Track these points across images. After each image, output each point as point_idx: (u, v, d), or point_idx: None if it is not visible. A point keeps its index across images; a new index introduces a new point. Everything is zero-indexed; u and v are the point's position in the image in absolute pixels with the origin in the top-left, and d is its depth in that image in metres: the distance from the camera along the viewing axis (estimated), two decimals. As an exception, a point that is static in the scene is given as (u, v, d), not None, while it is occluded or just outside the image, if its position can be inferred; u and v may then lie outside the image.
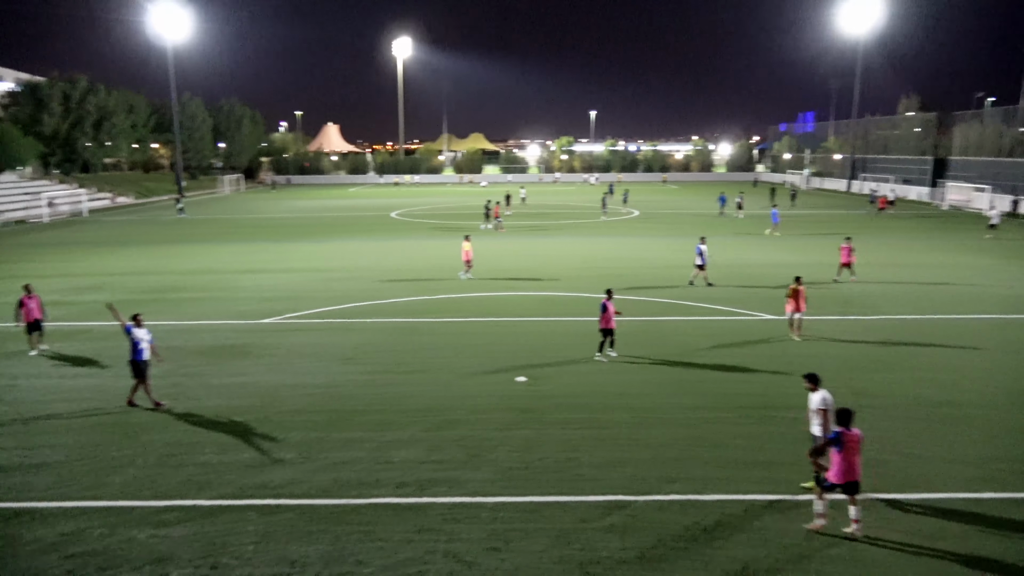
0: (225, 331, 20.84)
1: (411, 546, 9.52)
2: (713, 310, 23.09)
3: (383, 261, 33.57)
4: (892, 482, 11.21)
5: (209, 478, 11.49)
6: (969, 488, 10.99)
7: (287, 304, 24.24)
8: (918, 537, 9.65)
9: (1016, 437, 12.98)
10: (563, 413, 14.24)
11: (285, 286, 27.55)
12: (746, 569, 8.95)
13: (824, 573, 8.86)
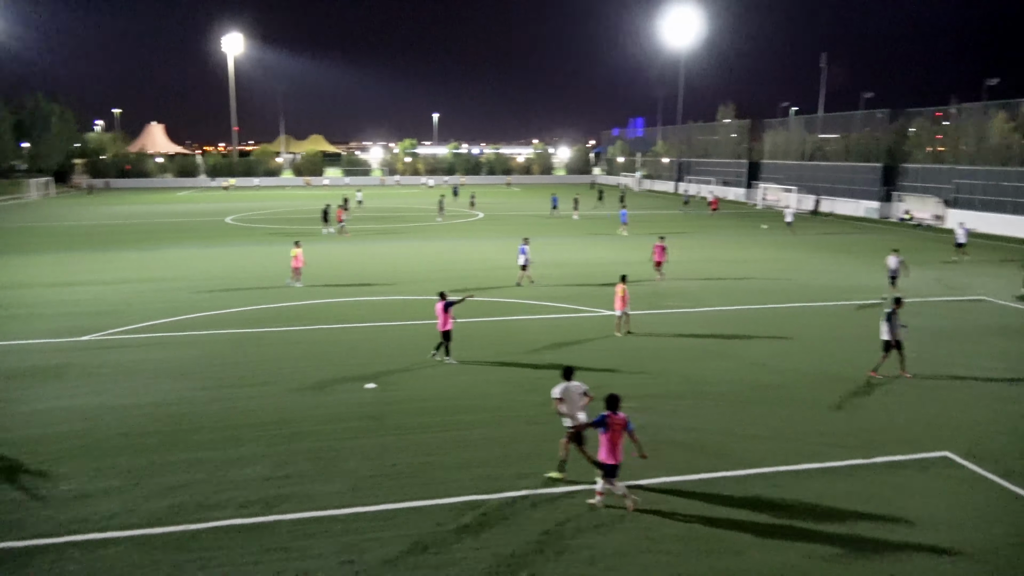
0: (38, 351, 18.82)
1: (258, 568, 9.07)
2: (555, 308, 23.87)
3: (218, 269, 31.72)
4: (728, 461, 12.11)
5: (20, 517, 10.32)
6: (789, 462, 12.11)
7: (110, 319, 22.28)
8: (746, 510, 10.48)
9: (826, 412, 14.45)
10: (415, 418, 14.15)
11: (108, 299, 25.31)
12: (595, 556, 9.32)
13: (667, 549, 9.40)
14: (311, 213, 58.26)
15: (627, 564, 9.15)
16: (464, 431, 13.51)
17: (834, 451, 12.51)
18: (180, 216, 57.33)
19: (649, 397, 15.23)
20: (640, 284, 27.51)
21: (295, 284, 27.43)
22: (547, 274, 30.12)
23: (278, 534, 9.87)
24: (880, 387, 15.94)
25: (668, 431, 13.43)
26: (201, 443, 12.92)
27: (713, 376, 16.70)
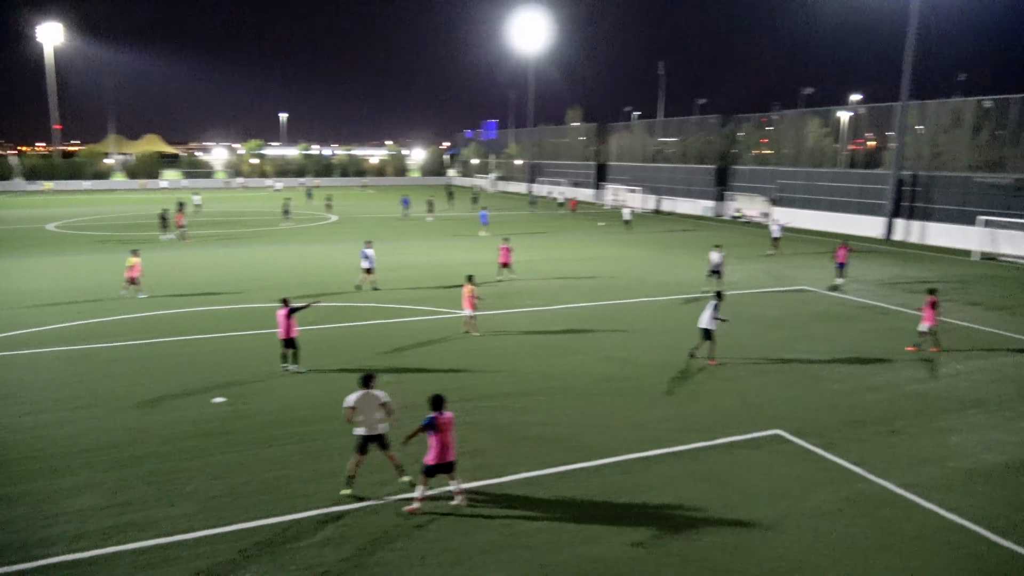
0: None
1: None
2: (408, 311, 23.74)
3: (42, 281, 28.84)
4: (583, 452, 12.55)
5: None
6: (639, 449, 12.75)
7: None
8: (602, 498, 10.94)
9: (670, 399, 15.34)
10: (268, 431, 13.57)
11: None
12: (459, 557, 9.37)
13: (529, 544, 9.61)
14: (147, 218, 54.40)
15: (492, 561, 9.28)
16: (321, 441, 13.12)
17: (679, 436, 13.32)
18: None
19: (505, 395, 15.51)
20: (493, 285, 27.96)
21: (136, 295, 25.47)
22: (403, 277, 29.91)
23: (118, 566, 9.13)
24: (717, 373, 17.14)
25: (524, 427, 13.74)
26: (23, 474, 11.70)
27: (563, 371, 17.26)
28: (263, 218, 56.39)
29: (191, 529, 10.01)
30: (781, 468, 12.02)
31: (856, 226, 48.23)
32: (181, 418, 14.19)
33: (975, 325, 22.18)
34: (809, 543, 9.69)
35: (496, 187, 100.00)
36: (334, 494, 11.03)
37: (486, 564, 9.20)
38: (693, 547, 9.59)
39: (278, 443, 12.99)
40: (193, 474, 11.72)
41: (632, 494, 11.07)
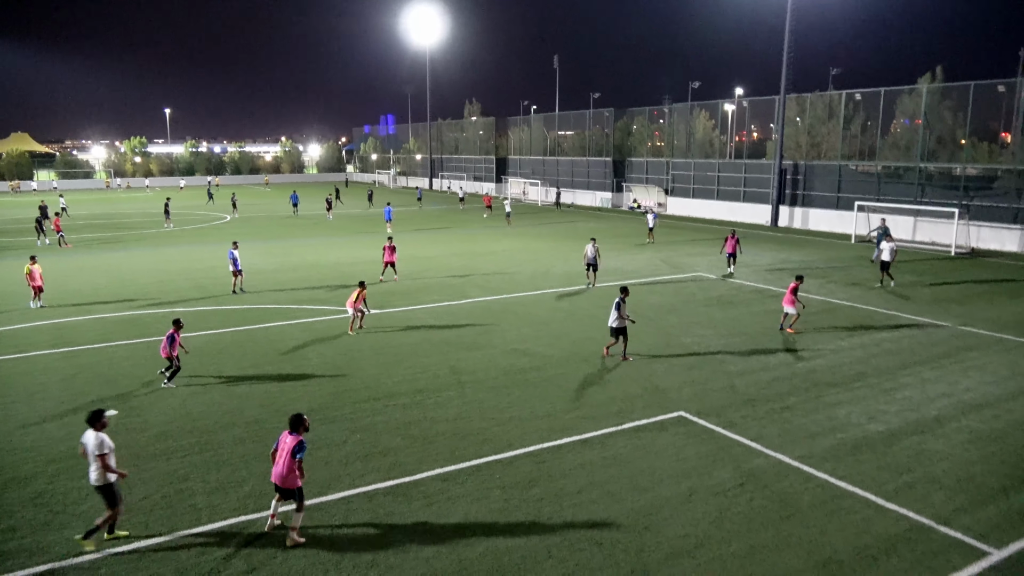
0: None
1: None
2: (312, 311, 23.17)
3: None
4: (495, 446, 12.61)
5: None
6: (550, 438, 12.93)
7: None
8: (517, 488, 11.04)
9: (577, 388, 15.65)
10: (165, 443, 12.92)
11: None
12: (374, 560, 9.24)
13: (444, 540, 9.58)
14: (19, 223, 50.63)
15: (410, 560, 9.19)
16: (222, 450, 12.60)
17: (588, 423, 13.61)
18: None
19: (415, 392, 15.40)
20: (377, 285, 27.67)
21: (38, 305, 23.68)
22: (302, 276, 29.14)
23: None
24: (620, 362, 17.60)
25: (435, 423, 13.69)
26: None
27: (472, 366, 17.30)
28: (151, 220, 53.52)
29: (83, 553, 9.40)
30: (686, 448, 12.49)
31: (745, 214, 50.64)
32: (69, 435, 13.29)
33: (856, 304, 23.74)
34: (715, 518, 10.13)
35: (397, 183, 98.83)
36: (241, 504, 10.64)
37: (403, 564, 9.11)
38: (605, 529, 9.83)
39: (177, 455, 12.40)
40: (85, 494, 11.01)
41: (545, 483, 11.23)
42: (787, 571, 8.84)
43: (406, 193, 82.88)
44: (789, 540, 9.56)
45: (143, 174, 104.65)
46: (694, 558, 9.15)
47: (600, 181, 65.06)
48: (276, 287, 27.07)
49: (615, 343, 17.78)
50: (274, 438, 12.96)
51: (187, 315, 21.67)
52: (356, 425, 13.67)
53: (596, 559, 9.14)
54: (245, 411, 14.43)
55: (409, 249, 37.10)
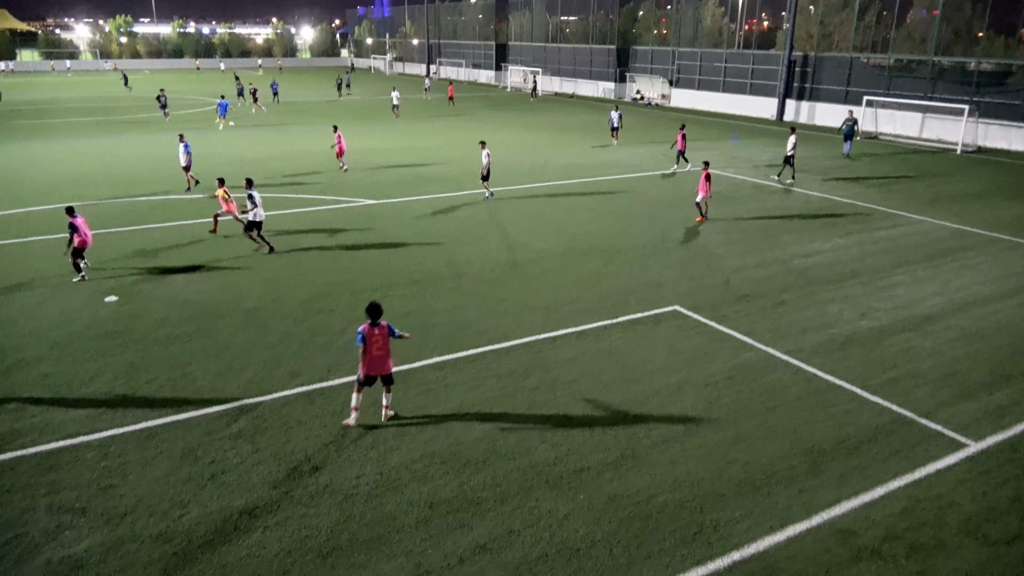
0: None
1: (1, 510, 8.12)
2: (312, 200, 23.01)
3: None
4: (491, 336, 12.84)
5: None
6: (546, 330, 13.16)
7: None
8: (512, 378, 11.34)
9: (575, 282, 15.77)
10: (167, 329, 13.12)
11: None
12: (376, 439, 9.58)
13: (443, 424, 9.93)
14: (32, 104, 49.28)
15: (409, 442, 9.53)
16: (224, 336, 12.83)
17: (583, 316, 13.80)
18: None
19: (412, 283, 15.52)
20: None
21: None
22: (301, 164, 28.75)
23: (19, 472, 8.84)
24: (619, 256, 17.66)
25: (433, 314, 13.87)
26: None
27: (469, 258, 17.35)
28: (143, 105, 52.16)
29: (95, 430, 9.74)
30: (678, 342, 12.73)
31: (750, 107, 49.46)
32: (71, 319, 13.49)
33: (856, 201, 23.59)
34: (704, 407, 10.45)
35: (393, 69, 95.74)
36: (242, 389, 10.92)
37: (402, 446, 9.46)
38: (597, 417, 10.16)
39: (178, 341, 12.62)
40: (91, 375, 11.29)
41: (540, 373, 11.51)
42: (771, 458, 9.22)
43: (401, 80, 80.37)
44: (775, 429, 9.91)
45: (129, 55, 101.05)
46: (682, 444, 9.51)
47: (603, 71, 63.04)
48: (280, 177, 26.71)
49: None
50: (273, 327, 13.22)
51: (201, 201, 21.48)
52: (355, 315, 13.84)
53: (587, 444, 9.50)
54: (243, 300, 14.58)
55: (407, 140, 36.46)
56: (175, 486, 8.61)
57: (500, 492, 8.50)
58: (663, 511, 8.17)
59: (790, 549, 7.59)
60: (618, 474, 8.86)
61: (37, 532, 7.80)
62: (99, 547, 7.57)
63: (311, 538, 7.71)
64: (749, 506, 8.26)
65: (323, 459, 9.17)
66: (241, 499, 8.36)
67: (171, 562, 7.36)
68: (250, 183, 17.57)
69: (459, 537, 7.74)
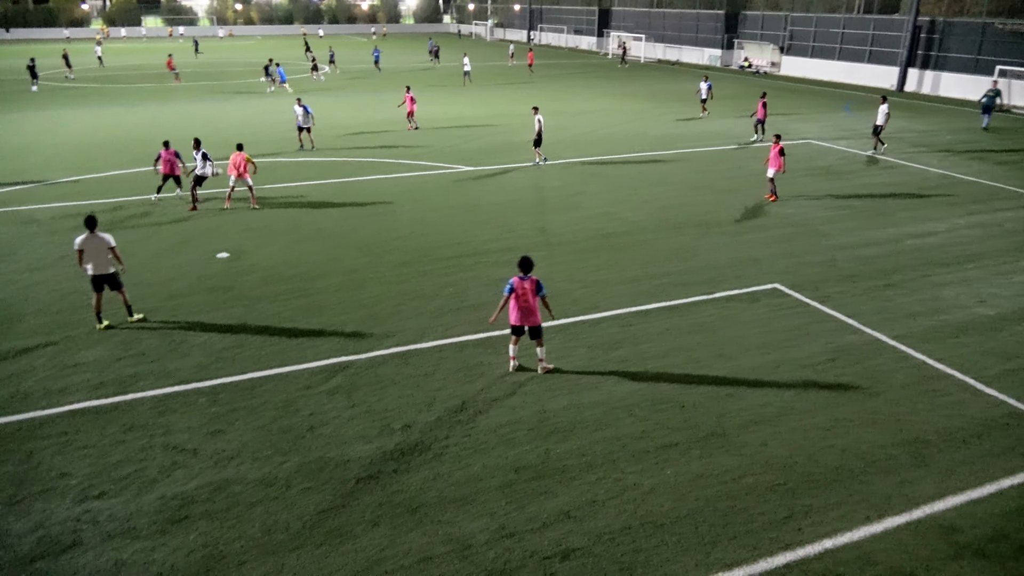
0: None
1: (122, 447, 8.81)
2: (406, 165, 23.41)
3: (35, 136, 28.21)
4: (581, 307, 12.81)
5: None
6: (637, 303, 13.00)
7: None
8: (601, 349, 11.29)
9: (667, 255, 15.46)
10: (271, 286, 13.77)
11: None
12: (464, 404, 9.80)
13: (530, 391, 10.04)
14: (138, 69, 52.35)
15: (495, 408, 9.68)
16: (324, 295, 13.34)
17: (676, 290, 13.53)
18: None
19: (503, 251, 15.61)
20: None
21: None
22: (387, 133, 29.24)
23: (138, 413, 9.56)
24: (715, 229, 17.16)
25: (528, 282, 13.91)
26: (32, 329, 11.98)
27: (561, 227, 17.27)
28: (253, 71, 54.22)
29: (205, 378, 10.39)
30: (776, 320, 12.30)
31: (867, 76, 46.60)
32: (186, 273, 14.36)
33: (980, 179, 21.95)
34: (799, 390, 10.09)
35: (494, 35, 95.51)
36: (340, 346, 11.35)
37: (489, 410, 9.62)
38: (686, 393, 10.00)
39: (281, 298, 13.22)
40: (203, 327, 12.01)
41: (630, 345, 11.40)
42: (871, 445, 8.82)
43: (501, 47, 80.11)
44: (876, 417, 9.47)
45: (244, 21, 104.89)
46: (775, 426, 9.24)
47: (710, 37, 60.74)
48: (379, 142, 27.33)
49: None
50: (369, 289, 13.63)
51: (287, 165, 22.33)
52: (447, 280, 14.10)
53: (675, 419, 9.37)
54: (341, 261, 15.09)
55: (497, 107, 36.43)
56: (276, 435, 9.09)
57: (585, 462, 8.53)
58: (752, 492, 7.99)
59: (887, 541, 7.28)
60: (706, 452, 8.71)
61: (154, 468, 8.43)
62: (208, 486, 8.11)
63: (400, 492, 7.99)
64: (844, 494, 7.96)
65: (413, 418, 9.44)
66: (335, 451, 8.74)
67: (272, 506, 7.80)
68: (198, 143, 18.93)
69: (543, 503, 7.83)
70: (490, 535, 7.36)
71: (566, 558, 7.04)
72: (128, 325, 12.06)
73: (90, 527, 7.46)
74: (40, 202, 19.25)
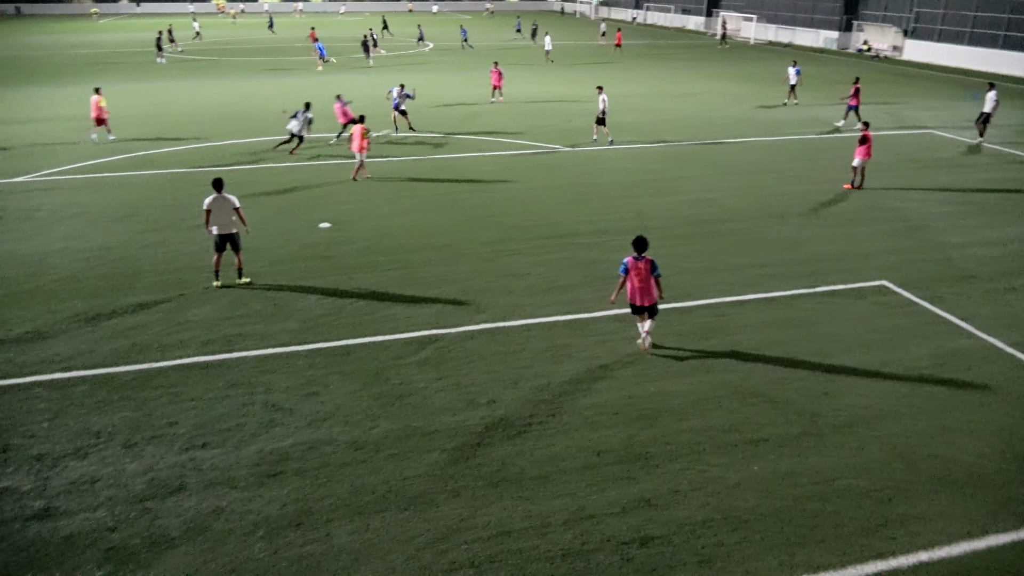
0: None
1: (226, 401, 9.35)
2: (504, 144, 23.48)
3: (151, 107, 29.99)
4: (673, 293, 12.57)
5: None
6: (732, 293, 12.64)
7: (42, 159, 21.20)
8: (691, 337, 11.06)
9: (767, 245, 14.93)
10: (369, 257, 14.19)
11: (33, 139, 23.91)
12: (549, 384, 9.83)
13: (617, 376, 9.97)
14: (267, 44, 54.66)
15: (580, 390, 9.67)
16: (418, 268, 13.64)
17: (775, 282, 13.06)
18: (103, 48, 53.15)
19: (598, 232, 15.48)
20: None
21: (97, 138, 25.91)
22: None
23: (242, 370, 10.09)
24: (820, 220, 16.42)
25: (614, 265, 13.67)
26: (151, 286, 12.82)
27: (657, 211, 16.95)
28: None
29: (304, 342, 10.85)
30: (882, 319, 11.70)
31: (1002, 63, 43.13)
32: (290, 240, 14.98)
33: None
34: (903, 394, 9.59)
35: (598, 14, 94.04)
36: (432, 318, 11.60)
37: (575, 391, 9.62)
38: (779, 389, 9.67)
39: (378, 269, 13.60)
40: (303, 293, 12.53)
41: (722, 336, 11.12)
42: (977, 457, 8.30)
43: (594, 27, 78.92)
44: (986, 427, 8.88)
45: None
46: (873, 429, 8.82)
47: (826, 18, 57.70)
48: (477, 119, 27.56)
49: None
50: (462, 264, 13.82)
51: (392, 146, 22.85)
52: (539, 259, 14.12)
53: (766, 415, 9.10)
54: (437, 236, 15.36)
55: (588, 87, 35.86)
56: (367, 401, 9.41)
57: (669, 450, 8.42)
58: (844, 496, 7.68)
59: (989, 559, 6.86)
60: (797, 450, 8.42)
61: (254, 424, 8.90)
62: (302, 445, 8.50)
63: (482, 466, 8.13)
64: (945, 506, 7.54)
65: (498, 395, 9.56)
66: (422, 421, 8.97)
67: (360, 469, 8.10)
68: (308, 106, 21.70)
69: (623, 488, 7.79)
70: (569, 515, 7.39)
71: (644, 545, 7.00)
72: (237, 286, 12.73)
73: (194, 474, 7.97)
74: (159, 167, 20.48)
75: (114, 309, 11.87)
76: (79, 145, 22.88)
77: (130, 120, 26.52)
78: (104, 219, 16.22)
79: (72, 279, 13.06)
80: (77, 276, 13.19)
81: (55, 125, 25.87)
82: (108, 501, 7.54)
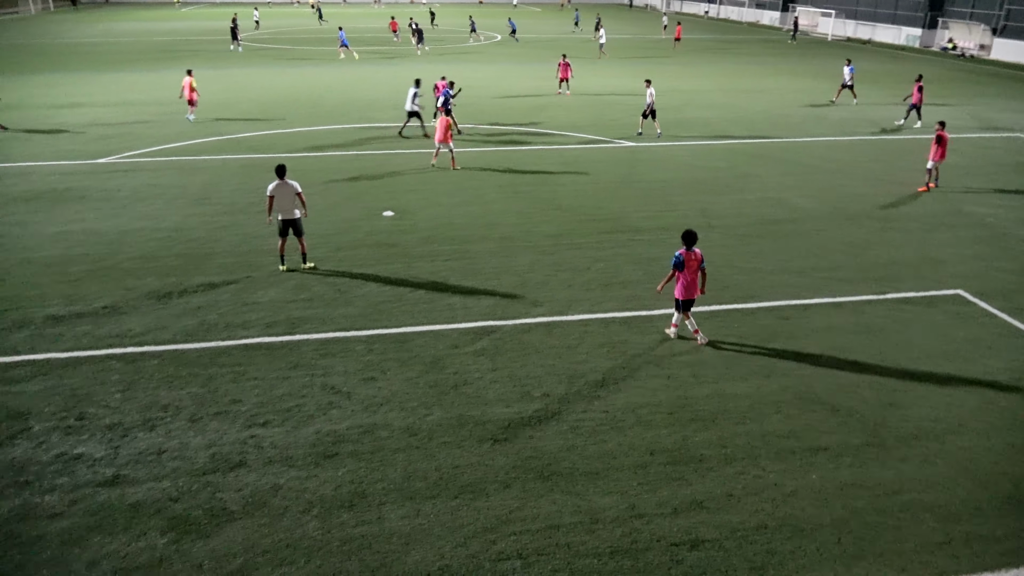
0: (53, 173, 18.86)
1: (287, 382, 9.61)
2: (566, 137, 23.36)
3: (229, 92, 30.92)
4: (736, 294, 12.33)
5: (60, 331, 10.84)
6: (798, 296, 12.32)
7: (123, 142, 22.12)
8: (753, 339, 10.83)
9: (837, 248, 14.48)
10: (430, 246, 14.34)
11: (119, 122, 24.96)
12: (604, 380, 9.78)
13: (674, 375, 9.84)
14: (323, 34, 55.73)
15: (635, 388, 9.58)
16: (478, 260, 13.72)
17: (843, 286, 12.67)
18: (184, 35, 55.03)
19: (659, 229, 15.28)
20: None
21: (191, 118, 26.45)
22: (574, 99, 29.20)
23: (303, 352, 10.36)
24: (894, 224, 15.83)
25: (681, 263, 13.57)
26: (222, 267, 13.25)
27: (722, 210, 16.61)
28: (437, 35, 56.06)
29: (364, 327, 11.05)
30: (956, 330, 11.22)
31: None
32: (354, 228, 15.27)
33: None
34: (974, 408, 9.19)
35: (669, 7, 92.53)
36: (489, 309, 11.66)
37: (630, 388, 9.53)
38: (843, 397, 9.38)
39: (439, 258, 13.74)
40: (365, 280, 12.76)
41: (784, 339, 10.85)
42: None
43: (647, 19, 77.63)
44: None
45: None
46: (941, 443, 8.48)
47: (910, 14, 55.43)
48: (540, 112, 27.52)
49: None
50: (521, 257, 13.84)
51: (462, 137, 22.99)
52: (599, 254, 14.04)
53: (827, 423, 8.85)
54: (498, 227, 15.41)
55: (665, 81, 35.38)
56: (423, 388, 9.54)
57: (725, 454, 8.28)
58: (906, 510, 7.41)
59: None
60: (859, 461, 8.16)
61: (312, 405, 9.12)
62: (358, 428, 8.68)
63: (534, 459, 8.15)
64: (1014, 527, 7.20)
65: (553, 388, 9.55)
66: (476, 411, 9.04)
67: (413, 454, 8.22)
68: (418, 83, 22.52)
69: (676, 489, 7.70)
70: (619, 512, 7.35)
71: (695, 547, 6.91)
72: (301, 271, 13.05)
73: (255, 451, 8.23)
74: (234, 152, 21.12)
75: (185, 288, 12.33)
76: (159, 128, 23.78)
77: (207, 106, 27.41)
78: (180, 201, 16.83)
79: (147, 258, 13.61)
80: (152, 255, 13.74)
81: (139, 109, 26.94)
82: (173, 472, 7.85)
